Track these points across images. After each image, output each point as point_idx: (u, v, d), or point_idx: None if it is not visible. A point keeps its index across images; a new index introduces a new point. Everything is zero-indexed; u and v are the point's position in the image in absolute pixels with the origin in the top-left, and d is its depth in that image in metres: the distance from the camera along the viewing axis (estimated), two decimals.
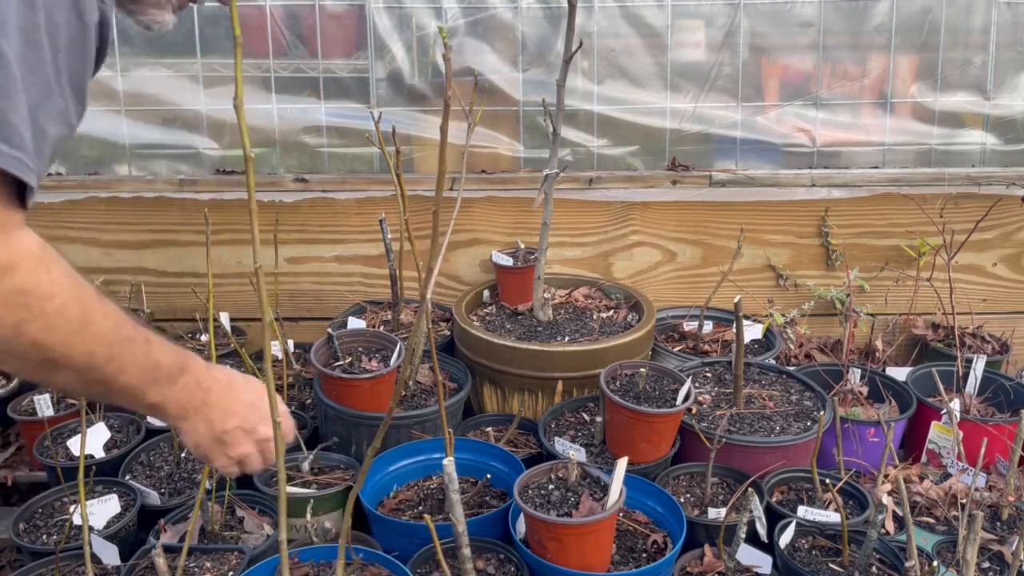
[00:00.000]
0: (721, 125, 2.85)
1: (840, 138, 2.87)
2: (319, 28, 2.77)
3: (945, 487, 2.11)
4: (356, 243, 2.84)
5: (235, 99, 0.96)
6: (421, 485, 2.10)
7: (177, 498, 2.05)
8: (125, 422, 2.35)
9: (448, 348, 2.56)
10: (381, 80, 2.81)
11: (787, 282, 2.88)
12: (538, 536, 1.72)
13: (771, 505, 1.98)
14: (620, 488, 1.74)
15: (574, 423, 2.26)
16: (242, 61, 0.95)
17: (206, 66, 2.78)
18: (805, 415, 2.22)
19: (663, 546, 1.83)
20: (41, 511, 2.03)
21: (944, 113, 2.85)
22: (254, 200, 1.00)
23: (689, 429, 2.10)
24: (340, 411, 2.16)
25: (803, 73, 2.83)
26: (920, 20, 2.76)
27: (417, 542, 1.82)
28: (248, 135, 1.02)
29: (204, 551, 1.84)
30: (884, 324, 2.87)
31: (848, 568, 1.81)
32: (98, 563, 1.84)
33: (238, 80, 0.97)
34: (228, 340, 2.64)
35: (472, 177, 2.79)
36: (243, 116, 0.96)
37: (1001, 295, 2.90)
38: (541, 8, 2.76)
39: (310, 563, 1.76)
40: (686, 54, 2.80)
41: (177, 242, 2.82)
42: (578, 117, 2.84)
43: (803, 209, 2.82)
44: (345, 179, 2.82)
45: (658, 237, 2.85)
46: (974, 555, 1.45)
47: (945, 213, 2.73)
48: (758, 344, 2.69)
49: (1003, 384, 2.43)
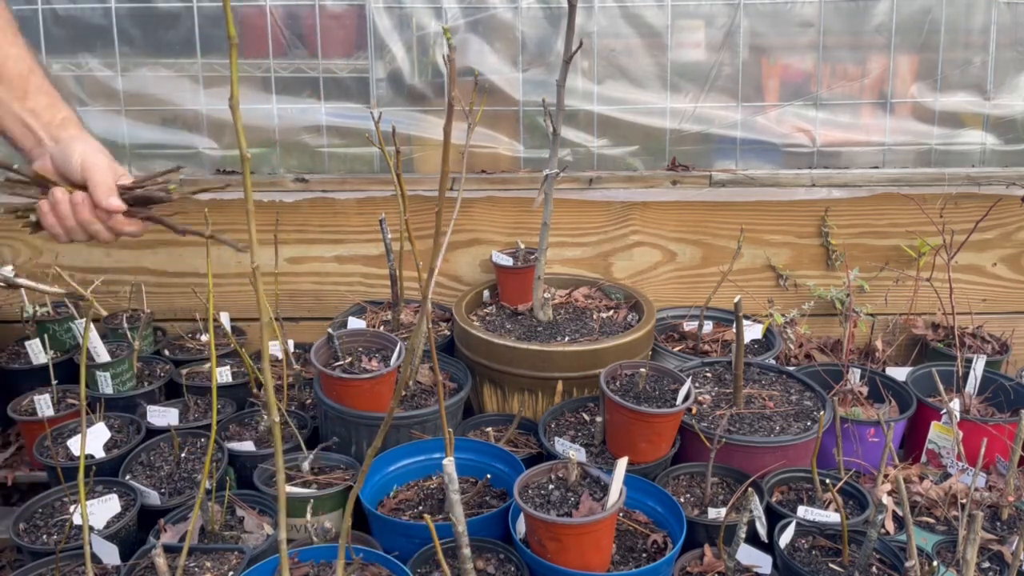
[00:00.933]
0: (721, 125, 2.85)
1: (840, 138, 2.87)
2: (319, 28, 2.77)
3: (945, 487, 2.11)
4: (356, 243, 2.84)
5: (231, 99, 0.96)
6: (421, 485, 2.10)
7: (177, 498, 2.05)
8: (125, 422, 2.35)
9: (448, 348, 2.56)
10: (381, 80, 2.81)
11: (787, 282, 2.88)
12: (538, 536, 1.72)
13: (771, 505, 1.98)
14: (620, 488, 1.74)
15: (574, 423, 2.26)
16: (238, 61, 0.95)
17: (206, 66, 2.78)
18: (805, 415, 2.22)
19: (663, 546, 1.83)
20: (41, 511, 2.03)
21: (944, 113, 2.85)
22: (251, 200, 1.00)
23: (689, 429, 2.10)
24: (340, 411, 2.16)
25: (803, 73, 2.83)
26: (920, 20, 2.77)
27: (417, 542, 1.82)
28: (246, 135, 1.02)
29: (204, 551, 1.84)
30: (884, 324, 2.87)
31: (848, 568, 1.81)
32: (98, 563, 1.84)
33: (233, 80, 0.97)
34: (228, 340, 2.64)
35: (472, 177, 2.79)
36: (239, 117, 0.97)
37: (1001, 295, 2.90)
38: (541, 8, 2.76)
39: (310, 563, 1.76)
40: (686, 54, 2.80)
41: (177, 242, 2.82)
42: (578, 117, 2.84)
43: (803, 209, 2.82)
44: (345, 179, 2.82)
45: (658, 237, 2.85)
46: (974, 555, 1.45)
47: (945, 213, 2.73)
48: (758, 344, 2.69)
49: (1003, 384, 2.43)
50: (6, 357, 2.73)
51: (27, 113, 1.49)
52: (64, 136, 1.50)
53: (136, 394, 2.47)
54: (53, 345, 2.64)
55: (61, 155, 1.48)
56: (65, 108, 1.54)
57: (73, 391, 2.49)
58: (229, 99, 0.94)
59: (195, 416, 2.41)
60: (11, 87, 1.48)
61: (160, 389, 2.55)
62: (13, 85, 1.48)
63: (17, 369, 2.65)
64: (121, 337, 2.64)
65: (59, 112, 1.52)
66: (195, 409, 2.44)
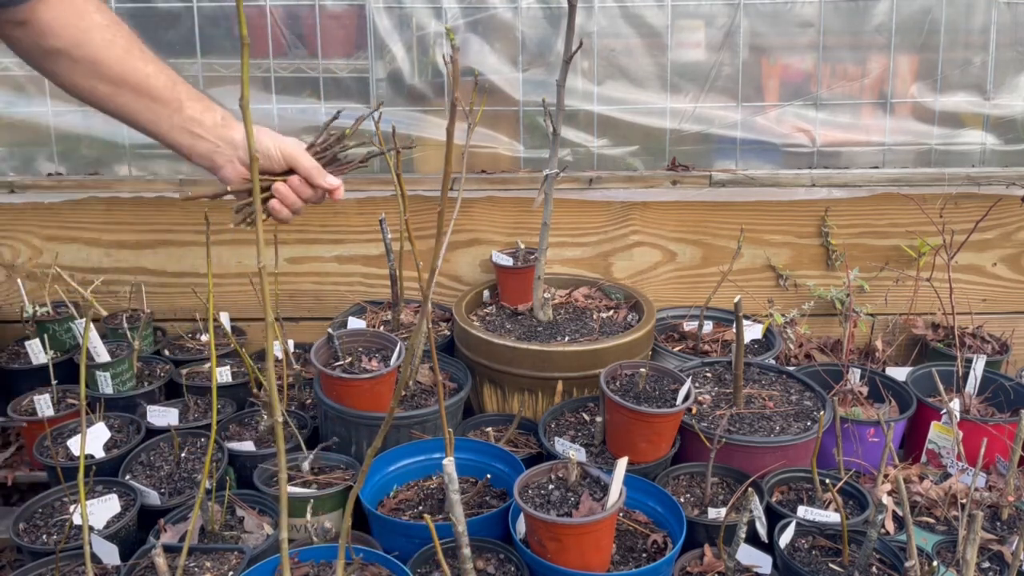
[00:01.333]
0: (721, 125, 2.85)
1: (840, 138, 2.87)
2: (319, 28, 2.77)
3: (945, 487, 2.11)
4: (356, 243, 2.84)
5: (241, 99, 0.96)
6: (421, 485, 2.10)
7: (177, 498, 2.05)
8: (125, 422, 2.35)
9: (448, 348, 2.56)
10: (381, 80, 2.81)
11: (787, 282, 2.88)
12: (538, 536, 1.72)
13: (771, 505, 1.98)
14: (620, 488, 1.74)
15: (574, 423, 2.26)
16: (248, 62, 0.95)
17: (206, 66, 2.78)
18: (805, 415, 2.22)
19: (663, 546, 1.83)
20: (41, 511, 2.03)
21: (944, 113, 2.85)
22: (258, 199, 1.00)
23: (689, 429, 2.10)
24: (340, 411, 2.16)
25: (803, 73, 2.83)
26: (920, 20, 2.77)
27: (417, 542, 1.82)
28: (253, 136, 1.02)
29: (204, 551, 1.84)
30: (884, 324, 2.87)
31: (848, 568, 1.81)
32: (98, 563, 1.84)
33: (244, 81, 0.97)
34: (228, 340, 2.64)
35: (472, 177, 2.79)
36: (249, 117, 0.97)
37: (1001, 295, 2.90)
38: (541, 8, 2.76)
39: (310, 563, 1.76)
40: (686, 54, 2.80)
41: (177, 242, 2.82)
42: (578, 117, 2.84)
43: (803, 209, 2.82)
44: (345, 179, 2.81)
45: (658, 237, 2.85)
46: (974, 555, 1.45)
47: (945, 213, 2.73)
48: (758, 344, 2.69)
49: (1003, 384, 2.43)
50: (6, 357, 2.73)
51: (190, 122, 1.53)
52: (234, 136, 1.55)
53: (136, 394, 2.47)
54: (53, 345, 2.64)
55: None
56: (217, 106, 1.57)
57: (73, 391, 2.49)
58: (239, 99, 0.94)
59: (195, 416, 2.41)
60: (165, 103, 1.52)
61: (160, 389, 2.55)
62: (166, 100, 1.52)
63: (17, 369, 2.65)
64: (121, 337, 2.64)
65: (215, 112, 1.55)
66: (195, 409, 2.44)
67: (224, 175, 1.57)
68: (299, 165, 1.58)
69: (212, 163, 1.56)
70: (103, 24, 1.47)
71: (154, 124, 1.52)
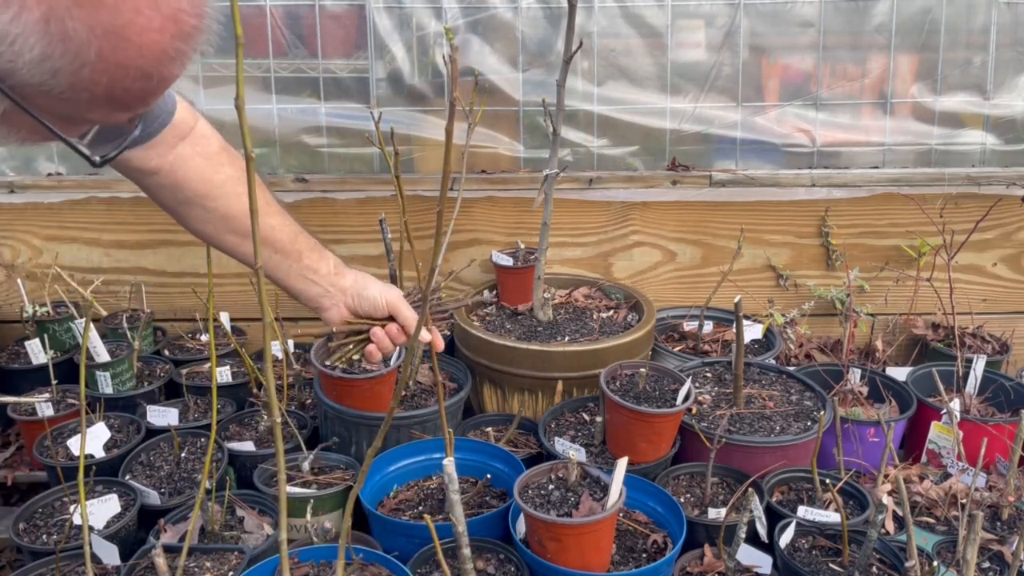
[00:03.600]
0: (721, 125, 2.85)
1: (840, 138, 2.87)
2: (319, 28, 2.76)
3: (945, 487, 2.11)
4: (356, 243, 2.84)
5: (236, 99, 0.96)
6: (421, 485, 2.10)
7: (177, 498, 2.05)
8: (125, 422, 2.35)
9: (448, 348, 2.56)
10: (381, 80, 2.81)
11: (787, 282, 2.88)
12: (538, 536, 1.72)
13: (771, 505, 1.98)
14: (620, 488, 1.74)
15: (574, 423, 2.26)
16: (243, 61, 0.95)
17: (205, 66, 2.78)
18: (805, 415, 2.22)
19: (663, 546, 1.83)
20: (41, 511, 2.03)
21: (944, 113, 2.84)
22: (255, 199, 1.00)
23: (689, 429, 2.10)
24: (340, 411, 2.16)
25: (803, 73, 2.83)
26: (920, 20, 2.76)
27: (417, 542, 1.82)
28: (249, 135, 1.02)
29: (204, 551, 1.84)
30: (884, 324, 2.87)
31: (848, 568, 1.81)
32: (98, 563, 1.84)
33: (239, 80, 0.96)
34: (228, 340, 2.64)
35: (472, 177, 2.79)
36: (244, 118, 0.96)
37: (1001, 295, 2.90)
38: (541, 8, 2.76)
39: (310, 563, 1.76)
40: (686, 54, 2.80)
41: (177, 242, 2.82)
42: (578, 117, 2.84)
43: (803, 209, 2.82)
44: (345, 179, 2.82)
45: (658, 237, 2.85)
46: (974, 555, 1.45)
47: (945, 213, 2.73)
48: (758, 344, 2.69)
49: (1003, 384, 2.43)
50: (6, 357, 2.73)
51: (307, 270, 1.69)
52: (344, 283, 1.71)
53: (136, 394, 2.47)
54: (53, 345, 2.64)
55: (357, 298, 1.70)
56: (329, 254, 1.73)
57: (73, 391, 2.49)
58: (235, 99, 0.94)
59: (195, 416, 2.41)
60: (287, 254, 1.67)
61: (160, 389, 2.54)
62: (287, 251, 1.67)
63: (17, 369, 2.65)
64: (121, 337, 2.64)
65: (328, 261, 1.71)
66: (195, 409, 2.44)
67: (328, 316, 1.72)
68: (400, 314, 1.70)
69: (319, 305, 1.71)
70: (236, 177, 1.61)
71: (273, 271, 1.68)
